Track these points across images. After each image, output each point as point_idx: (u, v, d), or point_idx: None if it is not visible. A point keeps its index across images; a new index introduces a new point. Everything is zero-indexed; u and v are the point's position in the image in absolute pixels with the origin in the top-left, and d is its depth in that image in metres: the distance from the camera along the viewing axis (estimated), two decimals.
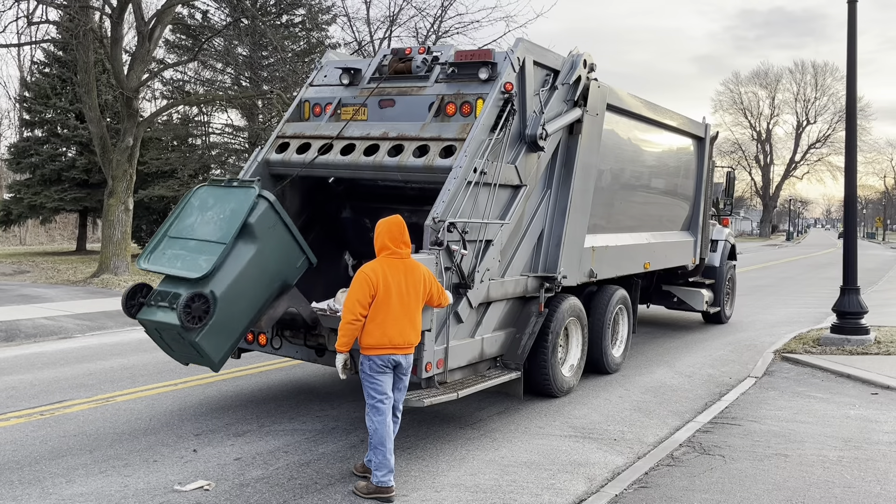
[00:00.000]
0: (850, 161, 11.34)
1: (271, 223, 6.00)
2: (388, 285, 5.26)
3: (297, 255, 6.27)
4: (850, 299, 10.97)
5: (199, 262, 5.75)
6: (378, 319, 5.23)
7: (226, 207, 5.98)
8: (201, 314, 5.66)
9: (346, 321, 5.24)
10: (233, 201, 5.99)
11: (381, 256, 5.40)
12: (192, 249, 5.89)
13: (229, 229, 5.83)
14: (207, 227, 5.98)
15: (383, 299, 5.24)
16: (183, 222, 6.15)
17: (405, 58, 7.77)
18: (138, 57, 19.65)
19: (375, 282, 5.23)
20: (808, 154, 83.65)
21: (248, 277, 5.90)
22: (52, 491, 5.34)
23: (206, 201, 6.15)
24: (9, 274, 21.23)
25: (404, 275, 5.35)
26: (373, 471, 5.34)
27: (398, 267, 5.36)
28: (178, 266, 5.83)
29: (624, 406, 8.00)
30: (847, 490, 5.57)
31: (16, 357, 10.01)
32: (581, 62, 7.98)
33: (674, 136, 11.27)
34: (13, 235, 40.22)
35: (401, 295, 5.29)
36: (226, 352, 6.00)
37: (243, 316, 5.99)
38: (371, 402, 5.37)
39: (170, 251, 6.03)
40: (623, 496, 5.43)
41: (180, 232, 6.09)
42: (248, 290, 5.93)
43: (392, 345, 5.26)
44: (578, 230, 8.26)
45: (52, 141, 29.69)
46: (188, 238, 6.00)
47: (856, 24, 10.93)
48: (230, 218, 5.90)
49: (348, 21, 26.97)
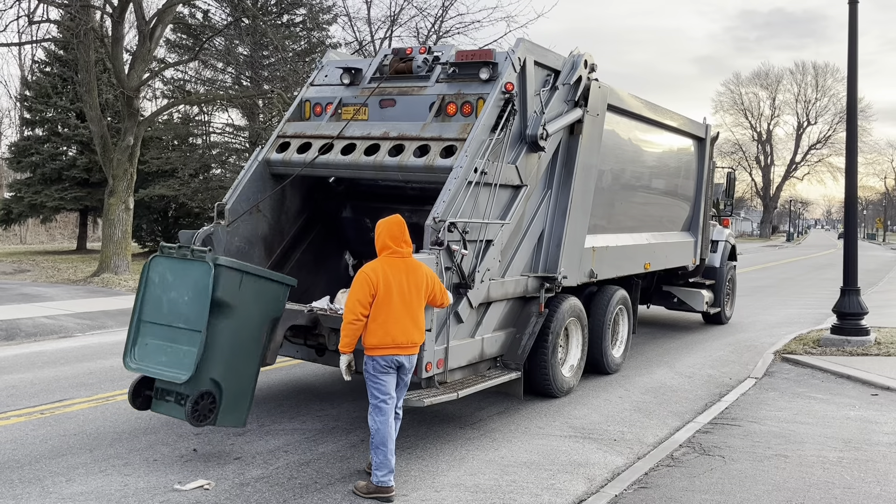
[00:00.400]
0: (851, 162, 11.34)
1: (237, 284, 5.67)
2: (389, 285, 5.26)
3: (276, 289, 6.02)
4: (850, 300, 10.96)
5: (182, 358, 5.57)
6: (380, 319, 5.24)
7: (187, 286, 5.68)
8: (209, 409, 5.67)
9: (348, 321, 5.25)
10: (191, 278, 5.67)
11: (383, 256, 5.40)
12: (172, 339, 5.69)
13: (201, 312, 5.52)
14: (177, 310, 5.71)
15: (384, 299, 5.24)
16: (151, 303, 5.87)
17: (406, 58, 7.78)
18: (139, 56, 19.65)
19: (375, 281, 5.23)
20: (808, 155, 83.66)
21: (239, 343, 5.77)
22: (52, 490, 5.35)
23: (165, 277, 5.83)
24: (9, 273, 21.23)
25: (406, 274, 5.35)
26: (373, 470, 5.34)
27: (399, 266, 5.36)
28: (164, 362, 5.66)
29: (624, 406, 8.00)
30: (847, 491, 5.56)
31: (16, 356, 10.01)
32: (582, 62, 7.98)
33: (674, 137, 11.27)
34: (14, 234, 40.24)
35: (402, 294, 5.29)
36: (247, 412, 6.01)
37: (249, 374, 5.94)
38: (374, 402, 5.38)
39: (151, 341, 5.81)
40: (623, 496, 5.43)
41: (153, 315, 5.84)
42: (244, 352, 5.83)
43: (395, 344, 5.27)
44: (579, 230, 8.26)
45: (53, 140, 29.70)
46: (163, 324, 5.76)
47: (857, 24, 10.92)
48: (196, 299, 5.61)
49: (349, 21, 27.04)
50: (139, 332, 5.89)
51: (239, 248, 7.59)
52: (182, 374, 5.51)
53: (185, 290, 5.66)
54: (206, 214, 26.73)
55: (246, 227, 7.66)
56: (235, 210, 7.55)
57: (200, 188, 26.94)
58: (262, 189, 7.84)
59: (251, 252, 7.73)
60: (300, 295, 8.06)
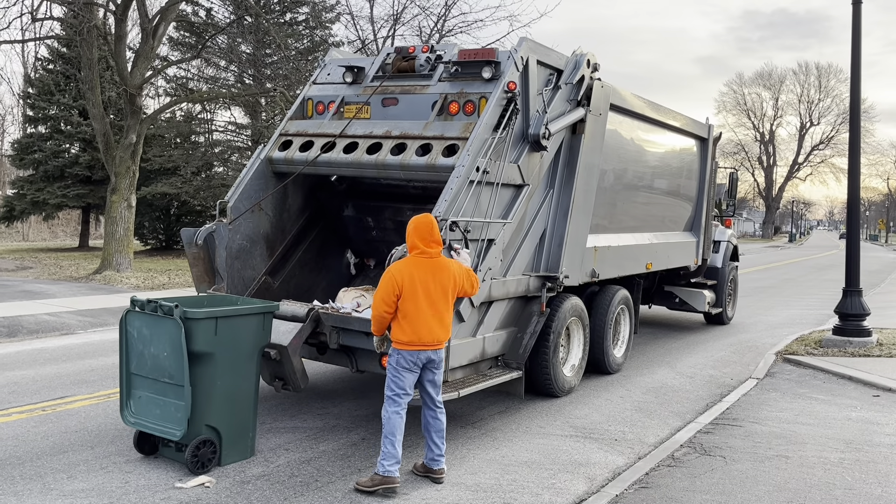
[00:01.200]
0: (854, 163, 11.33)
1: (212, 331, 5.53)
2: (414, 284, 5.34)
3: (256, 321, 5.87)
4: (852, 301, 10.95)
5: (174, 412, 5.53)
6: (408, 317, 5.34)
7: (164, 341, 5.59)
8: (210, 456, 5.65)
9: (376, 315, 5.43)
10: (166, 333, 5.57)
11: (411, 255, 5.47)
12: (162, 392, 5.64)
13: (181, 367, 5.42)
14: (160, 364, 5.64)
15: (409, 298, 5.33)
16: (135, 357, 5.81)
17: (408, 56, 7.77)
18: (142, 54, 19.66)
19: (401, 281, 5.32)
20: (811, 156, 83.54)
21: (230, 385, 5.70)
22: (53, 486, 5.35)
23: (142, 332, 5.76)
24: (11, 270, 21.26)
25: (432, 274, 5.41)
26: (379, 460, 5.38)
27: (426, 266, 5.42)
28: (158, 416, 5.64)
29: (625, 406, 8.00)
30: (848, 492, 5.56)
31: (18, 353, 10.03)
32: (584, 62, 7.97)
33: (677, 137, 11.25)
34: (16, 231, 40.31)
35: (428, 293, 5.37)
36: (251, 441, 5.98)
37: (248, 409, 5.89)
38: (389, 393, 5.45)
39: (144, 393, 5.77)
40: (623, 496, 5.43)
41: (140, 369, 5.79)
42: (237, 391, 5.75)
43: (421, 342, 5.37)
44: (581, 230, 8.25)
45: (56, 137, 29.74)
46: (151, 378, 5.72)
47: (860, 24, 10.91)
48: (174, 354, 5.49)
49: (352, 19, 27.01)
50: (131, 384, 5.85)
51: (241, 246, 7.60)
52: (176, 431, 5.51)
53: (163, 346, 5.57)
54: (209, 212, 26.77)
55: (248, 226, 7.67)
56: (237, 208, 7.55)
57: (202, 186, 26.97)
58: (265, 187, 7.84)
59: (253, 250, 7.74)
60: (302, 293, 8.08)
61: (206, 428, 5.62)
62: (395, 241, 7.51)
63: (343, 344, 6.58)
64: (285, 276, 8.10)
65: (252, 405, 5.93)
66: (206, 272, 7.49)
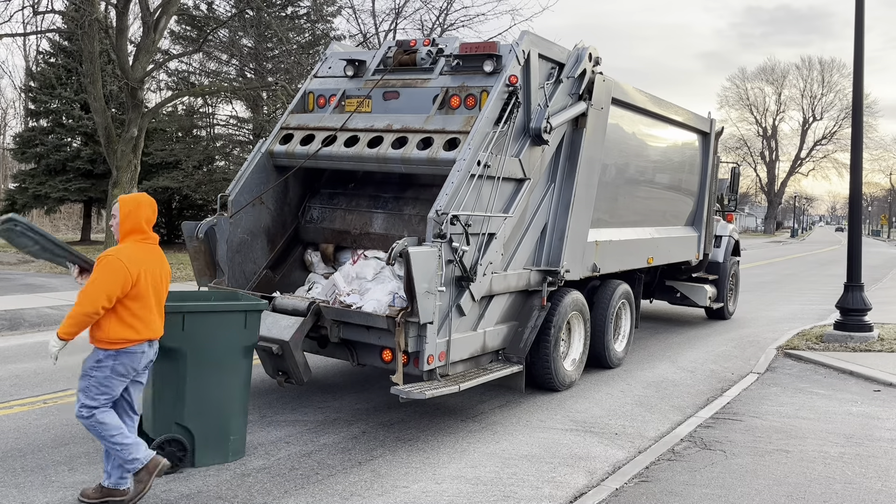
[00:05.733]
0: (856, 158, 11.29)
1: (178, 326, 5.31)
2: (146, 276, 4.77)
3: (236, 318, 5.57)
4: (853, 296, 10.94)
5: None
6: (136, 312, 4.74)
7: None
8: (178, 456, 5.44)
9: (85, 312, 4.62)
10: None
11: (134, 240, 4.83)
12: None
13: None
14: None
15: (143, 292, 4.75)
16: None
17: (410, 50, 7.76)
18: (143, 47, 19.66)
19: (136, 273, 4.69)
20: (813, 151, 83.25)
21: (205, 383, 5.45)
22: (54, 479, 5.37)
23: None
24: (13, 263, 21.28)
25: (160, 264, 4.92)
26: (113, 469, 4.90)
27: (153, 253, 4.89)
28: None
29: (625, 400, 8.00)
30: (848, 486, 5.56)
31: (20, 346, 10.05)
32: (586, 55, 7.95)
33: (679, 131, 11.23)
34: None
35: (156, 286, 4.86)
36: (236, 445, 5.72)
37: (229, 409, 5.59)
38: (100, 400, 4.77)
39: None
40: (624, 490, 5.43)
41: None
42: (214, 390, 5.51)
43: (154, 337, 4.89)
44: (582, 224, 8.25)
45: (57, 131, 29.71)
46: None
47: (863, 17, 10.86)
48: None
49: (353, 13, 27.08)
50: None
51: (242, 239, 7.60)
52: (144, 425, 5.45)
53: None
54: (210, 206, 26.78)
55: (249, 219, 7.67)
56: (238, 202, 7.55)
57: (204, 180, 26.96)
58: (266, 181, 7.84)
59: (253, 244, 7.74)
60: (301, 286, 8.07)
61: (176, 427, 5.45)
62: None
63: (344, 337, 6.59)
64: (286, 270, 8.10)
65: (235, 407, 5.66)
66: (208, 266, 7.50)
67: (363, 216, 7.91)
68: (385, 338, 6.29)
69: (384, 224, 7.74)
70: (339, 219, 8.02)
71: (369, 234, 7.78)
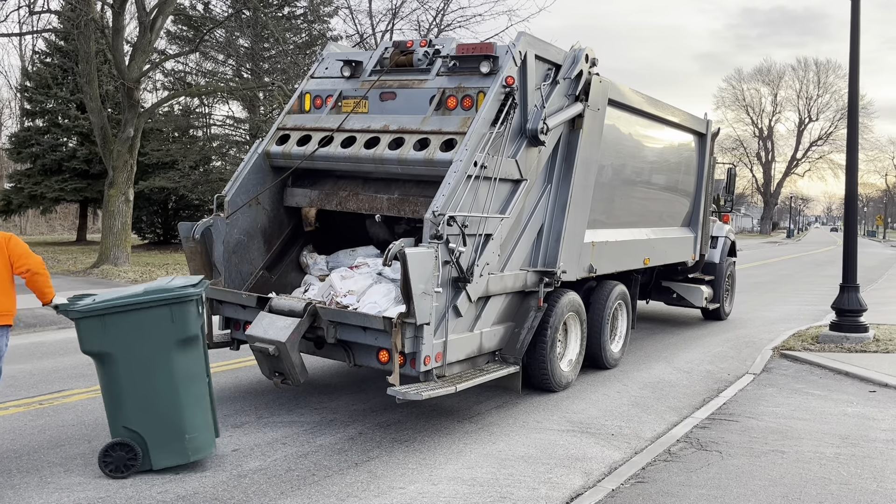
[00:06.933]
0: (852, 159, 11.32)
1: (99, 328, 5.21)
2: None
3: (163, 313, 5.30)
4: (849, 297, 10.96)
5: None
6: None
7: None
8: (127, 460, 5.34)
9: None
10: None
11: None
12: None
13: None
14: None
15: None
16: None
17: (407, 51, 7.76)
18: (140, 47, 19.62)
19: None
20: (809, 151, 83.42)
21: (140, 384, 5.30)
22: (49, 480, 5.36)
23: None
24: None
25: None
26: None
27: None
28: None
29: (622, 401, 8.01)
30: (843, 487, 5.58)
31: (15, 346, 10.01)
32: (583, 57, 7.96)
33: (675, 132, 11.25)
34: (13, 225, 40.20)
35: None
36: (200, 436, 5.51)
37: (181, 406, 5.40)
38: None
39: None
40: (620, 491, 5.44)
41: None
42: (160, 388, 5.33)
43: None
44: (578, 225, 8.25)
45: (53, 131, 29.67)
46: None
47: (859, 17, 10.88)
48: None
49: (350, 13, 27.09)
50: None
51: (238, 240, 7.60)
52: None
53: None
54: (206, 206, 26.77)
55: (245, 220, 7.66)
56: (235, 202, 7.55)
57: (200, 180, 26.94)
58: (262, 181, 7.83)
59: (250, 244, 7.74)
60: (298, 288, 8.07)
61: (124, 430, 5.37)
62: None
63: (340, 338, 6.58)
64: (282, 271, 8.09)
65: (184, 404, 5.42)
66: (204, 266, 7.49)
67: (351, 182, 7.87)
68: (381, 339, 6.29)
69: (373, 188, 7.67)
70: (329, 184, 7.95)
71: (358, 195, 7.66)
